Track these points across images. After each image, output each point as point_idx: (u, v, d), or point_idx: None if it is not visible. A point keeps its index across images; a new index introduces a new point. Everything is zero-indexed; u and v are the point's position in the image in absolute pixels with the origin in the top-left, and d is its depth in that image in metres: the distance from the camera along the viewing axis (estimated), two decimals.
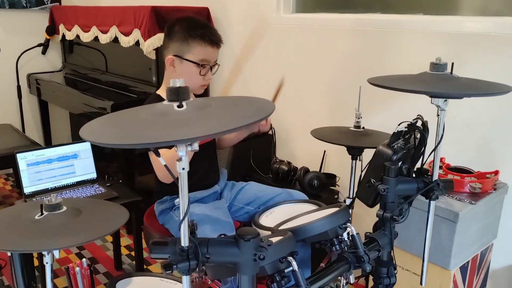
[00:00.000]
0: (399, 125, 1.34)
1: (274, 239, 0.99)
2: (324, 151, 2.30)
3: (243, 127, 0.78)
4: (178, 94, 0.79)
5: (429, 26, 1.84)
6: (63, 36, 3.49)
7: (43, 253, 1.06)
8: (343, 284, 1.83)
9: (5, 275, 2.33)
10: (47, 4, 3.66)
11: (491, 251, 1.73)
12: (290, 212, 1.60)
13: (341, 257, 1.17)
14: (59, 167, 2.11)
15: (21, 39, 3.56)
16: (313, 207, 1.56)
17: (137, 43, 2.67)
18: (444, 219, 1.49)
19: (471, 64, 1.72)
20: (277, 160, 2.31)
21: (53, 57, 3.80)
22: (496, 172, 1.65)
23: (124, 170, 2.66)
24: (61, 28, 3.48)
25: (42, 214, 1.07)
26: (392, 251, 1.32)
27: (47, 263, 1.07)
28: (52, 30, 3.60)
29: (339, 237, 1.20)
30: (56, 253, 1.06)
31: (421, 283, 1.34)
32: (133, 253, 2.53)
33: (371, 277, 1.43)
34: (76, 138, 3.90)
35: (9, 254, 1.14)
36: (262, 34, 1.56)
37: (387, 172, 1.26)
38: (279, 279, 0.99)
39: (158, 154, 0.81)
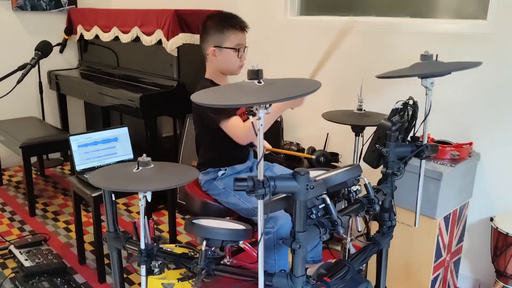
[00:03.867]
0: (396, 103, 1.73)
1: None
2: (327, 133, 2.70)
3: (297, 96, 1.16)
4: (258, 74, 1.17)
5: (414, 27, 2.25)
6: (81, 36, 3.81)
7: (139, 196, 1.41)
8: (348, 241, 2.24)
9: (52, 245, 2.66)
10: (65, 6, 3.97)
11: (467, 207, 2.15)
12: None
13: (356, 200, 1.55)
14: (103, 148, 2.46)
15: (41, 38, 3.84)
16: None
17: (159, 42, 3.03)
18: (431, 178, 1.90)
19: (447, 59, 2.13)
20: (287, 142, 2.70)
21: (69, 55, 4.11)
22: (470, 144, 2.07)
23: (150, 152, 3.00)
24: (79, 28, 3.80)
25: (138, 168, 1.43)
26: (392, 200, 1.72)
27: (142, 205, 1.43)
28: (70, 30, 3.92)
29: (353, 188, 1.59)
30: (149, 196, 1.42)
31: (415, 225, 1.75)
32: (161, 227, 2.88)
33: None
34: (90, 127, 4.23)
35: (113, 198, 1.49)
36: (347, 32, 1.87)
37: (389, 138, 1.65)
38: (315, 212, 1.38)
39: (253, 115, 1.15)
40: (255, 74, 1.18)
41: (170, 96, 3.03)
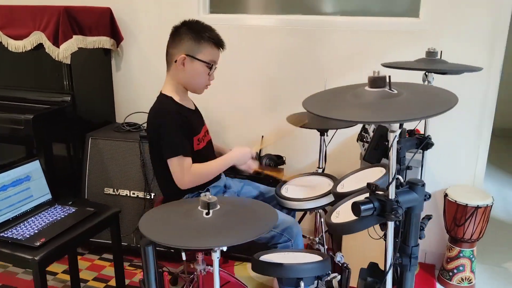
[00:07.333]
0: None
1: None
2: (262, 136, 2.60)
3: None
4: (385, 80, 1.02)
5: (348, 25, 2.34)
6: None
7: (215, 248, 1.10)
8: (317, 241, 2.22)
9: None
10: None
11: None
12: (305, 183, 1.89)
13: None
14: (15, 193, 1.83)
15: None
16: (324, 177, 1.90)
17: (37, 47, 2.40)
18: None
19: (387, 55, 2.29)
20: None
21: None
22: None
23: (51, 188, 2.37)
24: None
25: (209, 213, 1.10)
26: None
27: (217, 258, 1.11)
28: None
29: None
30: (224, 248, 1.12)
31: None
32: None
33: None
34: None
35: (183, 256, 1.10)
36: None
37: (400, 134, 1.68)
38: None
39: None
40: (382, 81, 1.03)
41: (65, 114, 2.44)
